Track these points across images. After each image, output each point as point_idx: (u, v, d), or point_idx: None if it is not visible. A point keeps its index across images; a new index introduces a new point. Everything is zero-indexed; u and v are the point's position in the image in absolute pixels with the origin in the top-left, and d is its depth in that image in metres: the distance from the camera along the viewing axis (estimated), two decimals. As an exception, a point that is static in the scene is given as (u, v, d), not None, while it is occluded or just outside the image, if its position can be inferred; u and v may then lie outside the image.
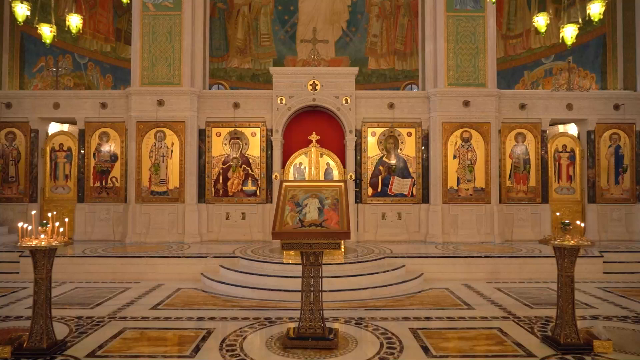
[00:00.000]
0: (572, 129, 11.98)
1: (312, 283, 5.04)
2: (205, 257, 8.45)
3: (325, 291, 6.50)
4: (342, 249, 8.88)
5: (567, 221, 4.95)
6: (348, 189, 5.43)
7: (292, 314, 6.08)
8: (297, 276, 5.67)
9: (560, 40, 7.55)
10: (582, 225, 5.13)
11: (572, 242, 4.72)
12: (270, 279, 7.34)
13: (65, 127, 12.01)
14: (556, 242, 4.75)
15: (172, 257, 8.47)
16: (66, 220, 5.14)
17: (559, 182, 11.17)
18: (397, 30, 16.68)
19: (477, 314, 6.11)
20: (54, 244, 4.59)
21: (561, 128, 12.35)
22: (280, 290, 6.96)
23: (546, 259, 8.45)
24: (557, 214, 9.37)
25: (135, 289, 7.56)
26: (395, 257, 8.50)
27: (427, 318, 5.95)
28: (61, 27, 14.02)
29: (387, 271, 7.77)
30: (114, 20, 15.38)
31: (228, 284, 7.42)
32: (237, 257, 8.37)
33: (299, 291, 5.09)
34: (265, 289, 7.05)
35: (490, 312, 6.19)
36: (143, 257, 8.45)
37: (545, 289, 7.62)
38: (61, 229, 4.78)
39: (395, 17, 16.61)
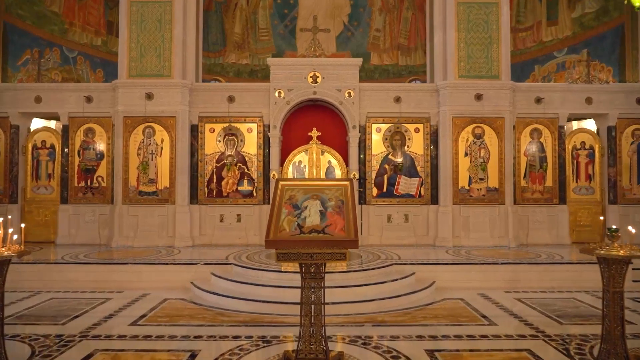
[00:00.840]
0: (588, 126, 11.22)
1: (312, 299, 4.30)
2: (196, 263, 7.71)
3: (327, 304, 5.78)
4: (346, 255, 8.13)
5: (614, 227, 4.20)
6: (354, 189, 4.71)
7: (290, 331, 5.35)
8: (296, 286, 4.94)
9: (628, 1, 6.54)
10: (634, 231, 4.36)
11: (622, 252, 3.97)
12: (266, 289, 6.60)
13: (52, 124, 11.20)
14: (602, 252, 4.01)
15: (159, 263, 7.73)
16: (22, 225, 4.39)
17: (577, 182, 10.42)
18: (401, 24, 15.91)
19: (500, 331, 5.36)
20: (5, 254, 3.85)
21: (575, 125, 11.56)
22: (277, 302, 6.22)
23: (569, 266, 7.72)
24: (601, 217, 8.59)
25: (116, 300, 6.82)
26: (404, 263, 7.76)
27: (445, 337, 5.20)
28: (48, 18, 13.35)
29: (396, 280, 7.03)
30: (105, 13, 14.61)
31: (219, 294, 6.68)
32: (230, 263, 7.63)
33: (298, 303, 4.35)
34: (260, 301, 6.31)
35: (516, 329, 5.45)
36: (127, 263, 7.71)
37: (571, 299, 6.88)
38: (15, 237, 4.04)
39: (398, 10, 15.83)
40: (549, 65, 14.21)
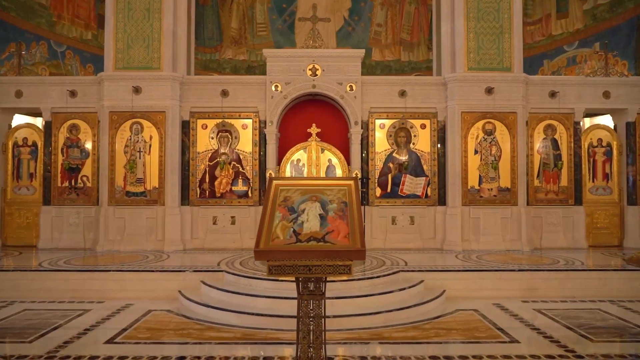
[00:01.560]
0: (602, 123, 10.57)
1: (311, 317, 3.67)
2: (184, 270, 7.06)
3: (327, 317, 5.16)
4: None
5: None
6: (359, 189, 4.09)
7: (286, 350, 4.74)
8: (294, 297, 4.29)
9: None
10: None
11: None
12: (261, 300, 5.96)
13: (39, 121, 10.46)
14: (656, 264, 3.36)
15: (143, 270, 7.08)
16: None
17: (593, 182, 9.78)
18: (403, 18, 15.29)
19: (524, 351, 4.73)
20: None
21: (587, 122, 10.87)
22: (272, 315, 5.59)
23: (592, 273, 7.09)
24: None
25: (95, 312, 6.17)
26: (411, 270, 7.11)
27: (462, 358, 4.55)
28: (34, 10, 12.72)
29: (404, 289, 6.39)
30: (95, 5, 13.98)
31: (209, 306, 6.04)
32: (221, 270, 6.99)
33: (295, 317, 3.73)
34: (253, 314, 5.68)
35: (542, 348, 4.80)
36: (109, 271, 7.06)
37: (597, 311, 6.23)
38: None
39: (401, 4, 15.22)
40: (559, 60, 13.61)
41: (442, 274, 7.12)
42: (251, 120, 9.50)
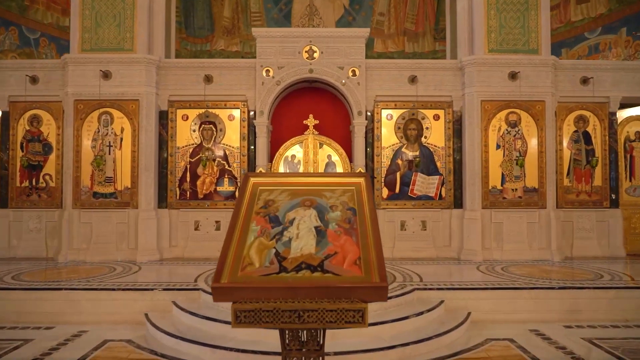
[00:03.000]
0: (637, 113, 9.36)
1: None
2: (152, 289, 5.81)
3: (327, 354, 3.99)
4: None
5: None
6: (371, 190, 2.86)
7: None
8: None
9: None
10: None
11: None
12: (243, 329, 4.72)
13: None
14: None
15: (102, 289, 5.82)
16: None
17: (631, 181, 8.58)
18: (407, 7, 14.06)
19: (594, 408, 3.50)
20: None
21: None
22: (256, 352, 4.36)
23: (647, 291, 5.87)
24: None
25: (37, 343, 4.94)
26: (429, 288, 5.87)
27: (513, 421, 3.33)
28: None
29: (421, 313, 5.16)
30: (73, -11, 12.75)
31: (178, 337, 4.80)
32: (198, 289, 5.75)
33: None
34: (232, 350, 4.44)
35: (616, 404, 3.59)
36: (61, 289, 5.81)
37: (661, 340, 5.02)
38: None
39: (405, -8, 14.05)
40: (579, 49, 12.41)
41: (464, 292, 5.88)
42: (239, 110, 8.28)
